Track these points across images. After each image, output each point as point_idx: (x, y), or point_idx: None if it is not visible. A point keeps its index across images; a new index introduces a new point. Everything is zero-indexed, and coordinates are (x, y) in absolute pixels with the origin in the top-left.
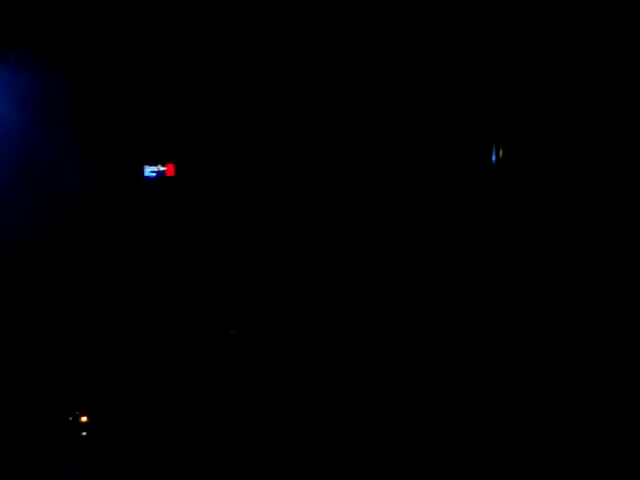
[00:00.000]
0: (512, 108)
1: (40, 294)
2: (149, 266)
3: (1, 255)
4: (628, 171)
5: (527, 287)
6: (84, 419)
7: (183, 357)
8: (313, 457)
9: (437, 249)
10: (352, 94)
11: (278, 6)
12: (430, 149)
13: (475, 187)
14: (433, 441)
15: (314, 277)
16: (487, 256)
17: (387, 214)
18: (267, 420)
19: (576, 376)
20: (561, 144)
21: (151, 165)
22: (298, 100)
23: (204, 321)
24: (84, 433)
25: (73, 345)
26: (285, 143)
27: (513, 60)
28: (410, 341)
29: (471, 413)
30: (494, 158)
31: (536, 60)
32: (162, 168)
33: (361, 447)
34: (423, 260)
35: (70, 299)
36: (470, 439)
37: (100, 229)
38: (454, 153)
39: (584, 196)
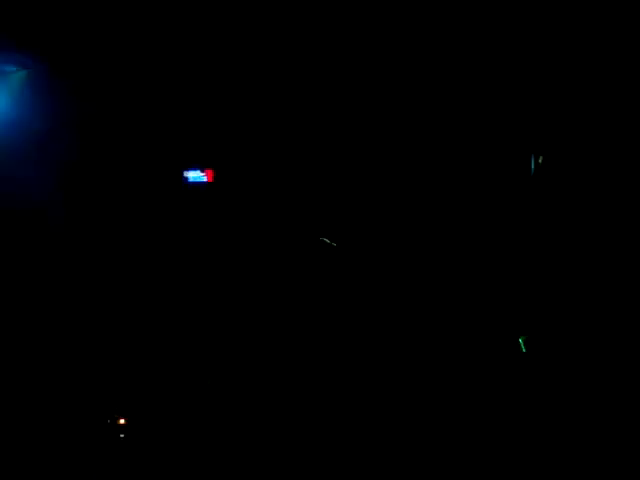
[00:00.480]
0: (552, 115)
1: (81, 297)
2: (186, 270)
3: (42, 261)
4: None
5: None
6: (122, 421)
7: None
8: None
9: (474, 259)
10: (387, 101)
11: (310, 17)
12: (467, 157)
13: (513, 196)
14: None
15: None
16: (526, 267)
17: (423, 223)
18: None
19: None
20: (602, 152)
21: (190, 171)
22: (340, 109)
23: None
24: (122, 435)
25: (112, 347)
26: (325, 151)
27: (555, 66)
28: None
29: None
30: (533, 167)
31: (579, 67)
32: (201, 174)
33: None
34: (459, 270)
35: (110, 302)
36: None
37: (139, 235)
38: (491, 161)
39: (625, 206)
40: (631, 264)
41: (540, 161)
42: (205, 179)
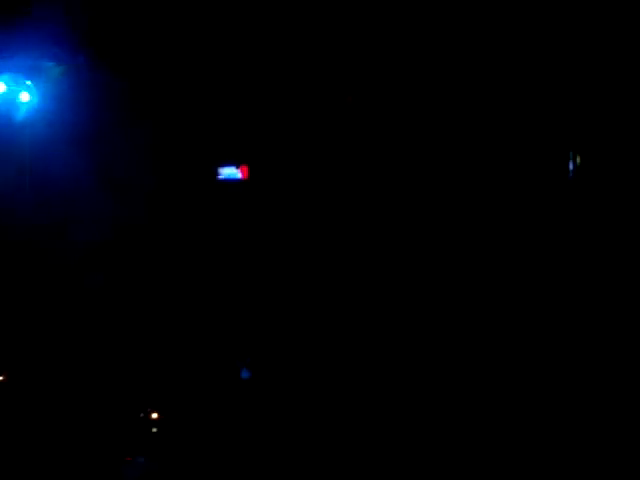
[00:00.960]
0: (590, 114)
1: (120, 293)
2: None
3: (87, 255)
4: None
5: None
6: (155, 416)
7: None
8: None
9: (514, 259)
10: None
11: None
12: (505, 157)
13: (552, 196)
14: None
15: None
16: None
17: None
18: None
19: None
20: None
21: (226, 167)
22: (377, 105)
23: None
24: (154, 429)
25: (149, 343)
26: (360, 147)
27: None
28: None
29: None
30: (571, 166)
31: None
32: (236, 170)
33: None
34: (500, 269)
35: (145, 298)
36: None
37: (175, 230)
38: (531, 161)
39: None
40: None
41: (578, 162)
42: (239, 176)
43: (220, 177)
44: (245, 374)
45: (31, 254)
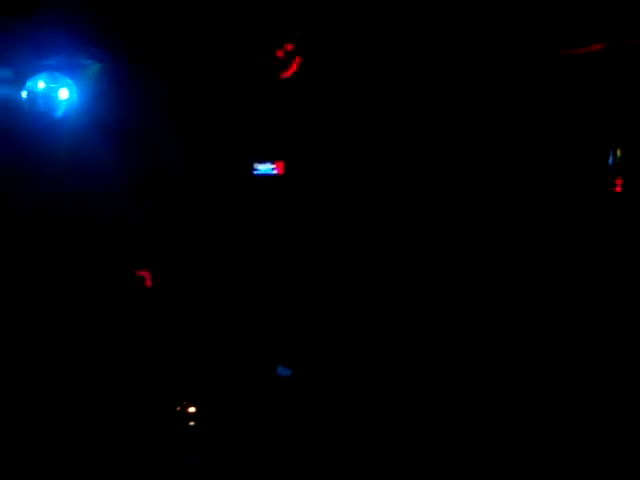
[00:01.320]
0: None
1: (159, 285)
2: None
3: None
4: None
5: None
6: (192, 409)
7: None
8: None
9: (547, 258)
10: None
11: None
12: (542, 150)
13: (590, 191)
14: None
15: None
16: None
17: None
18: None
19: None
20: None
21: (261, 163)
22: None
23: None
24: (192, 423)
25: (185, 335)
26: (401, 144)
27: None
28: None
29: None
30: (611, 160)
31: None
32: (272, 166)
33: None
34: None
35: (182, 291)
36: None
37: (209, 226)
38: (568, 154)
39: None
40: None
41: (619, 154)
42: (275, 171)
43: (256, 172)
44: (284, 371)
45: (70, 251)
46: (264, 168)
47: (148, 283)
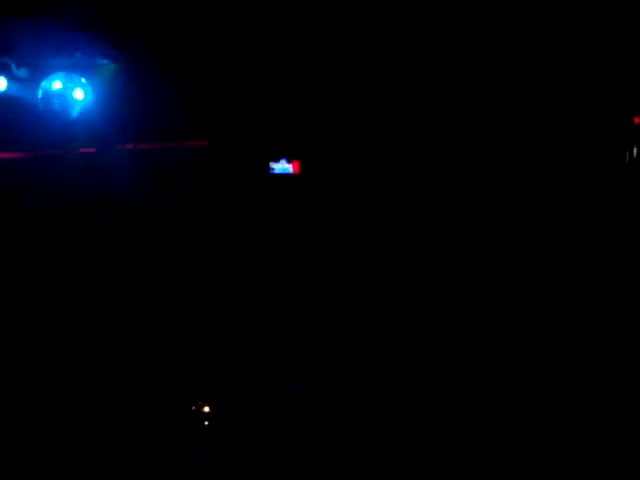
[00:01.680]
0: None
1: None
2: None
3: (138, 251)
4: None
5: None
6: (206, 409)
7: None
8: None
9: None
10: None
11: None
12: (558, 146)
13: (607, 188)
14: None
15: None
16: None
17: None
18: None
19: None
20: None
21: (277, 162)
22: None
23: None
24: (206, 423)
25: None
26: (416, 143)
27: None
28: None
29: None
30: (628, 157)
31: None
32: (288, 165)
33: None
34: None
35: (198, 291)
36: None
37: (225, 225)
38: (585, 150)
39: None
40: None
41: (635, 151)
42: (291, 170)
43: (272, 171)
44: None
45: (91, 254)
46: (280, 167)
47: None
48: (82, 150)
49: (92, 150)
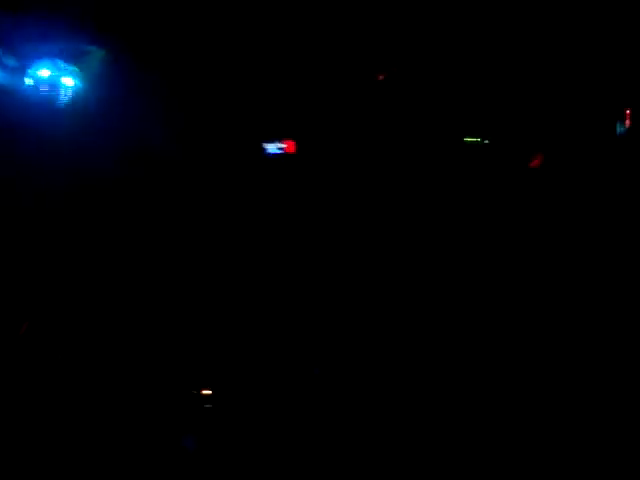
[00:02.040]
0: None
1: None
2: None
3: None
4: None
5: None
6: (207, 392)
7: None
8: None
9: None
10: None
11: None
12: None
13: (599, 160)
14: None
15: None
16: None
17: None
18: None
19: None
20: None
21: (272, 142)
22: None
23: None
24: (207, 405)
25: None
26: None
27: None
28: None
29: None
30: (620, 128)
31: None
32: (282, 145)
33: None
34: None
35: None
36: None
37: (218, 205)
38: (576, 123)
39: None
40: None
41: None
42: (286, 151)
43: (267, 152)
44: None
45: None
46: (274, 147)
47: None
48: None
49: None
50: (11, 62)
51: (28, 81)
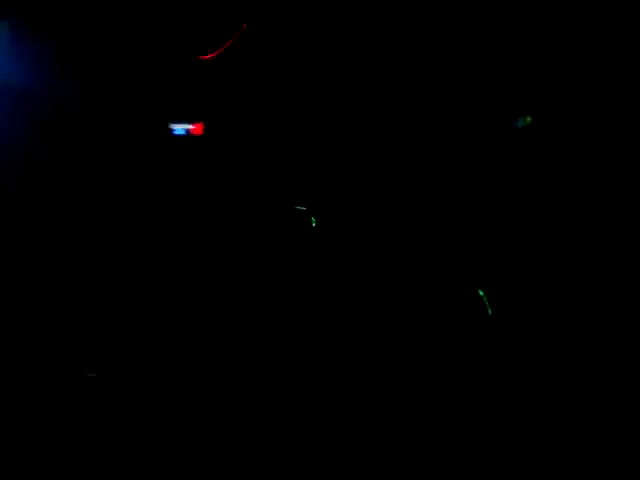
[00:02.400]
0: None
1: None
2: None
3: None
4: None
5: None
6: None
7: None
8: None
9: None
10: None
11: None
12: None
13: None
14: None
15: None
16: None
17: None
18: None
19: None
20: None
21: (179, 123)
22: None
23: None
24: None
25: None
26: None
27: None
28: None
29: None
30: (519, 123)
31: None
32: (190, 127)
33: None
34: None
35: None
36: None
37: (125, 186)
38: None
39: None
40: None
41: (528, 119)
42: (193, 132)
43: (174, 132)
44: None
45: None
46: (181, 128)
47: None
48: None
49: None
50: None
51: None
